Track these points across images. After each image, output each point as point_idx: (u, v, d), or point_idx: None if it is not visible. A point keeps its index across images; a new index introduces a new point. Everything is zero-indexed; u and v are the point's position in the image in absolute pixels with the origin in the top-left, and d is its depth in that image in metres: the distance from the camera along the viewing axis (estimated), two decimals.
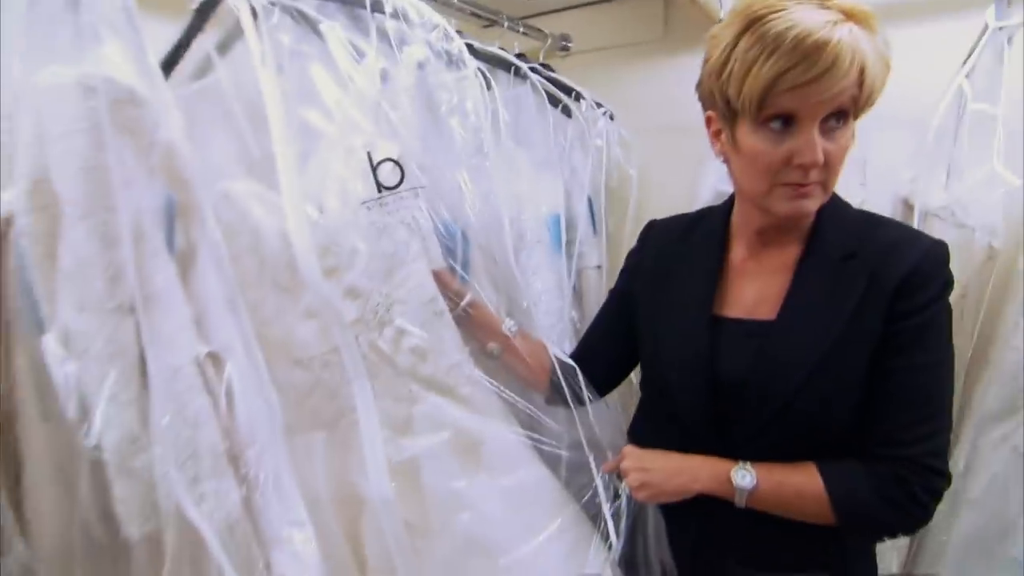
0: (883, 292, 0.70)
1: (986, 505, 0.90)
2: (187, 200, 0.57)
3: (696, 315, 0.81)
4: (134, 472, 0.51)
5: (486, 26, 1.43)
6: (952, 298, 0.94)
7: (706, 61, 0.72)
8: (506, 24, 1.35)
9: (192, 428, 0.52)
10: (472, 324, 0.92)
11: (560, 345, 1.04)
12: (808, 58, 0.62)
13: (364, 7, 0.84)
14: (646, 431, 0.89)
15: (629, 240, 1.27)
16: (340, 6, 0.87)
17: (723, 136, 0.75)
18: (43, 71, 0.46)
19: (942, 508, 0.97)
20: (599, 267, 1.38)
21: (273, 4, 0.81)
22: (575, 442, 0.91)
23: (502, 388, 0.87)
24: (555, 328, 1.14)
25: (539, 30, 1.52)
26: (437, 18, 0.88)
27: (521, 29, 1.43)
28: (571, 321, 1.19)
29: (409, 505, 0.81)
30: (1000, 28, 0.84)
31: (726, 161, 0.77)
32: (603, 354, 0.98)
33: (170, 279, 0.54)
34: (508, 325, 0.94)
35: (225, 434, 0.54)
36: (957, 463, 0.96)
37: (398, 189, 0.80)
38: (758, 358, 0.75)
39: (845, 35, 0.62)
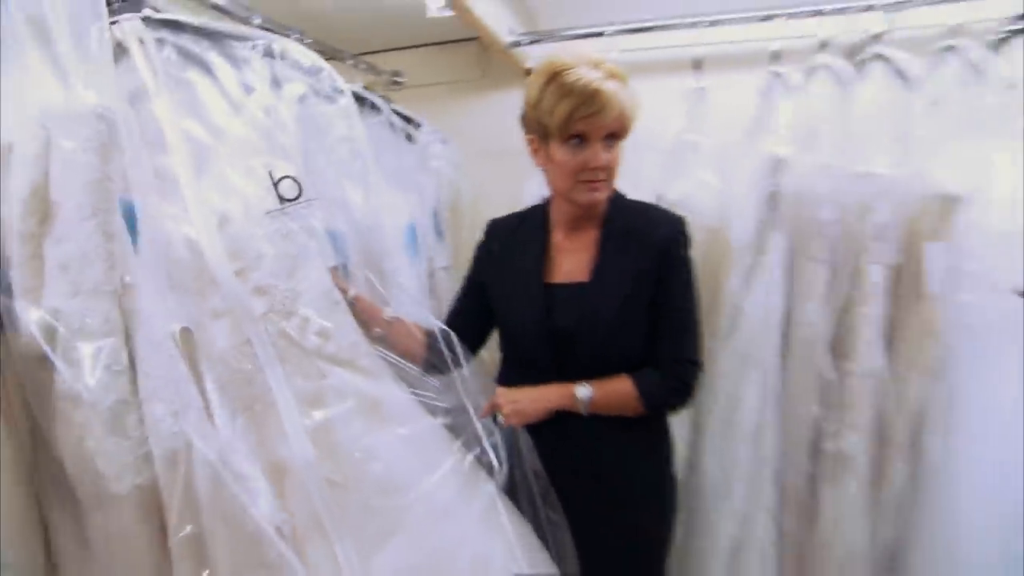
0: (650, 256, 1.08)
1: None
2: (144, 205, 0.68)
3: (533, 284, 1.13)
4: (126, 430, 0.61)
5: (329, 59, 1.60)
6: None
7: (527, 99, 1.06)
8: (349, 61, 1.55)
9: (175, 389, 0.64)
10: (358, 313, 1.10)
11: None
12: (591, 99, 0.99)
13: (241, 40, 0.98)
14: (509, 377, 1.18)
15: (466, 243, 1.55)
16: (222, 44, 0.99)
17: (541, 153, 1.08)
18: (54, 97, 0.55)
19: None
20: (446, 268, 1.64)
21: (161, 41, 0.91)
22: (455, 396, 1.14)
23: (390, 355, 1.07)
24: (417, 316, 1.36)
25: (374, 66, 1.73)
26: (315, 58, 1.05)
27: (360, 65, 1.63)
28: (429, 309, 1.42)
29: (328, 464, 0.95)
30: (701, 87, 1.37)
31: (544, 170, 1.11)
32: (462, 328, 1.22)
33: (141, 269, 0.65)
34: (387, 313, 1.14)
35: (200, 393, 0.66)
36: None
37: (297, 201, 0.96)
38: (580, 312, 1.08)
39: (611, 85, 1.01)
